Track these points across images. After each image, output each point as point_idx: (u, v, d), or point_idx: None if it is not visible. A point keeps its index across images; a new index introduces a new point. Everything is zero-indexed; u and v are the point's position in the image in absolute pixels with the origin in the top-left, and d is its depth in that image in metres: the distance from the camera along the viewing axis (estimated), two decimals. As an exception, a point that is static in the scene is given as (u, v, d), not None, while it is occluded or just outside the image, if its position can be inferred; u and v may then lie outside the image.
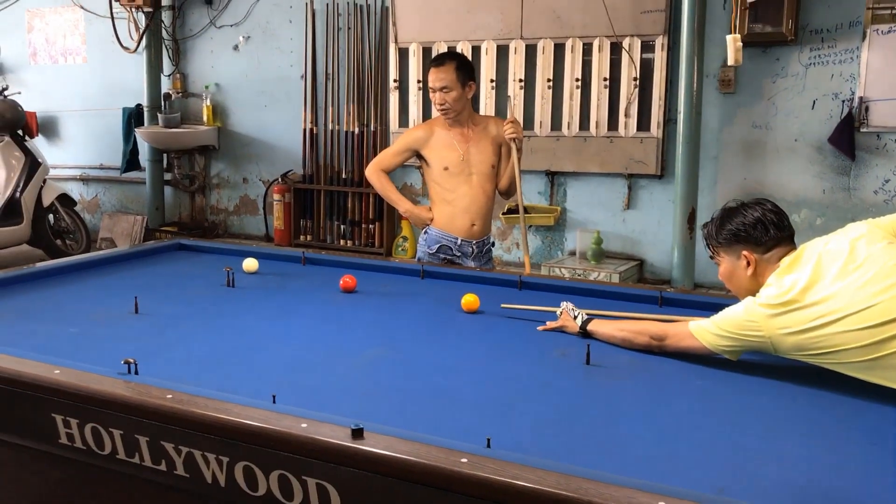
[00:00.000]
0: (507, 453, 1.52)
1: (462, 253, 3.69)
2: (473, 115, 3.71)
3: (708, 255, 2.45)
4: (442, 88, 3.55)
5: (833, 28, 4.97)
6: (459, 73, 3.54)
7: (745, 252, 2.27)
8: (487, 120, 3.76)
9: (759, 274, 2.25)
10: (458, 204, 3.67)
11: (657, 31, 5.35)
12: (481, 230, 3.72)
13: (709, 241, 2.40)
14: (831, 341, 2.01)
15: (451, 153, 3.64)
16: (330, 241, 6.82)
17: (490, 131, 3.69)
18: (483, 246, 3.75)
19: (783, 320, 2.06)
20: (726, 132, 5.36)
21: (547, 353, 2.36)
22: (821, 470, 1.64)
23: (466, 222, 3.67)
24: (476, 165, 3.65)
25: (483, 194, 3.69)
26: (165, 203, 7.60)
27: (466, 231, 3.68)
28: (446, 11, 6.00)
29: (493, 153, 3.69)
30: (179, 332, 2.51)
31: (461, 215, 3.67)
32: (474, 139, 3.66)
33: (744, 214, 2.30)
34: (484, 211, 3.71)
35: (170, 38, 7.32)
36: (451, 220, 3.68)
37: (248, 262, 3.29)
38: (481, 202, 3.69)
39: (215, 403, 1.73)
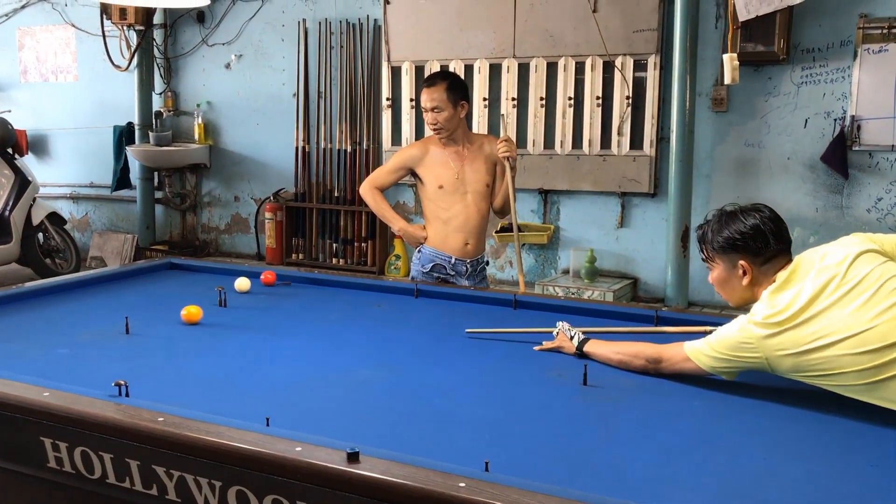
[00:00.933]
0: (506, 477, 1.50)
1: (456, 272, 3.67)
2: (468, 134, 3.70)
3: (701, 258, 2.38)
4: (433, 108, 3.54)
5: (824, 47, 5.00)
6: (450, 93, 3.53)
7: (742, 262, 2.21)
8: (482, 138, 3.75)
9: (754, 284, 2.21)
10: (452, 223, 3.65)
11: (650, 50, 5.37)
12: (475, 249, 3.71)
13: (703, 245, 2.32)
14: (830, 364, 1.98)
15: (446, 171, 3.63)
16: (322, 259, 6.79)
17: (485, 150, 3.67)
18: (477, 265, 3.73)
19: (779, 341, 2.03)
20: (719, 150, 5.37)
21: (543, 373, 2.33)
22: (822, 492, 1.62)
23: (460, 241, 3.66)
24: (471, 184, 3.64)
25: (477, 213, 3.67)
26: (156, 221, 7.56)
27: (460, 250, 3.66)
28: (439, 30, 6.01)
29: (488, 172, 3.68)
30: (171, 352, 2.48)
31: (455, 234, 3.65)
32: (469, 158, 3.65)
33: (742, 222, 2.22)
34: (478, 230, 3.70)
35: (161, 56, 7.31)
36: (445, 239, 3.66)
37: (241, 282, 3.26)
38: (476, 221, 3.68)
39: (208, 426, 1.70)
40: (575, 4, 5.53)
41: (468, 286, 3.61)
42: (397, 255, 6.52)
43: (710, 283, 2.36)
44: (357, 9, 6.43)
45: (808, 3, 4.79)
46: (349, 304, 3.17)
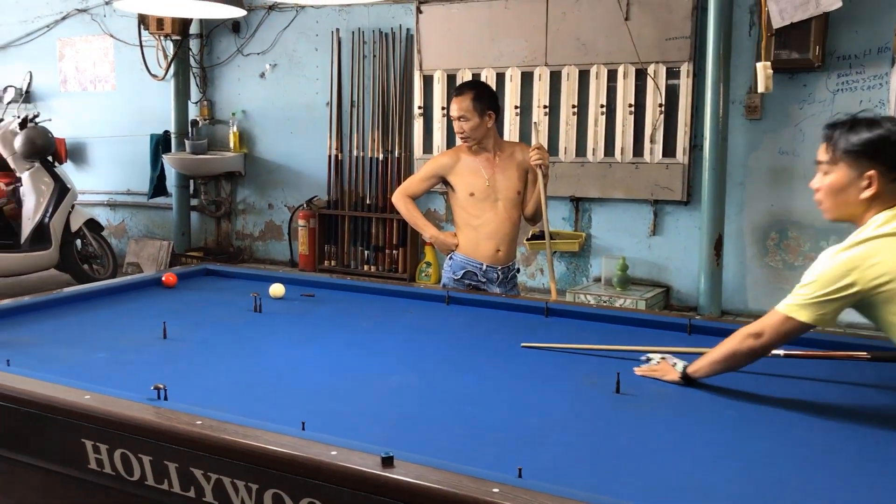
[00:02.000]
0: (539, 483, 1.50)
1: (487, 279, 3.68)
2: (500, 142, 3.72)
3: (818, 159, 2.14)
4: (460, 117, 3.57)
5: (861, 54, 4.95)
6: (477, 102, 3.55)
7: (873, 172, 2.00)
8: (514, 146, 3.77)
9: (872, 200, 2.03)
10: (483, 230, 3.67)
11: (682, 58, 5.35)
12: (507, 256, 3.72)
13: (830, 143, 2.08)
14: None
15: (477, 179, 3.64)
16: (354, 266, 6.84)
17: (517, 157, 3.69)
18: (508, 272, 3.74)
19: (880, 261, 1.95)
20: (753, 158, 5.33)
21: (576, 381, 2.33)
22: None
23: (492, 248, 3.67)
24: (502, 191, 3.65)
25: (509, 220, 3.68)
26: (192, 228, 7.67)
27: (492, 257, 3.67)
28: (471, 39, 6.03)
29: (520, 179, 3.69)
30: (208, 357, 2.52)
31: (486, 241, 3.67)
32: (500, 166, 3.66)
33: (888, 129, 2.00)
34: (509, 237, 3.71)
35: (197, 65, 7.42)
36: (476, 246, 3.68)
37: (275, 288, 3.30)
38: (507, 228, 3.69)
39: (245, 430, 1.73)
40: (607, 12, 5.53)
41: (499, 293, 3.63)
42: (428, 262, 6.55)
43: (812, 186, 2.19)
44: (390, 18, 6.48)
45: (844, 10, 4.74)
46: (381, 310, 3.19)
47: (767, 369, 2.47)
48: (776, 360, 2.55)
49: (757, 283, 5.38)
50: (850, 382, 2.38)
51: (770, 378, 2.39)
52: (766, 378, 2.39)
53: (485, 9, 5.97)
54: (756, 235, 5.37)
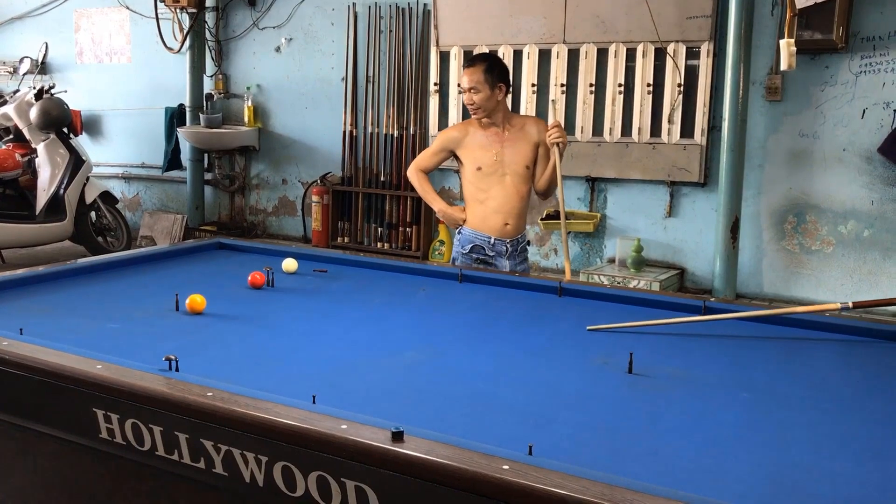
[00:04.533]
0: (550, 461, 1.49)
1: (496, 252, 3.67)
2: (510, 116, 3.69)
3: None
4: (470, 89, 3.56)
5: (886, 36, 4.86)
6: (488, 74, 3.54)
7: None
8: (525, 120, 3.75)
9: None
10: (490, 204, 3.66)
11: (703, 38, 5.28)
12: (515, 229, 3.70)
13: None
14: None
15: (485, 153, 3.63)
16: (367, 243, 6.84)
17: (527, 132, 3.66)
18: (517, 245, 3.73)
19: None
20: (772, 141, 5.26)
21: (589, 360, 2.32)
22: (873, 490, 1.58)
23: (499, 222, 3.66)
24: (510, 166, 3.64)
25: (517, 194, 3.67)
26: (205, 202, 7.67)
27: (499, 230, 3.67)
28: (488, 15, 5.97)
29: (529, 154, 3.67)
30: (220, 330, 2.51)
31: (494, 215, 3.66)
32: (510, 140, 3.64)
33: None
34: (517, 211, 3.69)
35: (213, 39, 7.39)
36: (483, 220, 3.68)
37: (288, 263, 3.29)
38: (514, 202, 3.67)
39: (255, 402, 1.73)
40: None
41: (508, 266, 3.64)
42: (441, 240, 6.53)
43: None
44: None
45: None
46: (394, 287, 3.18)
47: (781, 353, 2.45)
48: (792, 342, 2.54)
49: (773, 266, 5.34)
50: (866, 366, 2.36)
51: (784, 362, 2.37)
52: (780, 362, 2.37)
53: (503, -15, 5.91)
54: (773, 219, 5.32)
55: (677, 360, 2.36)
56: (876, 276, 5.05)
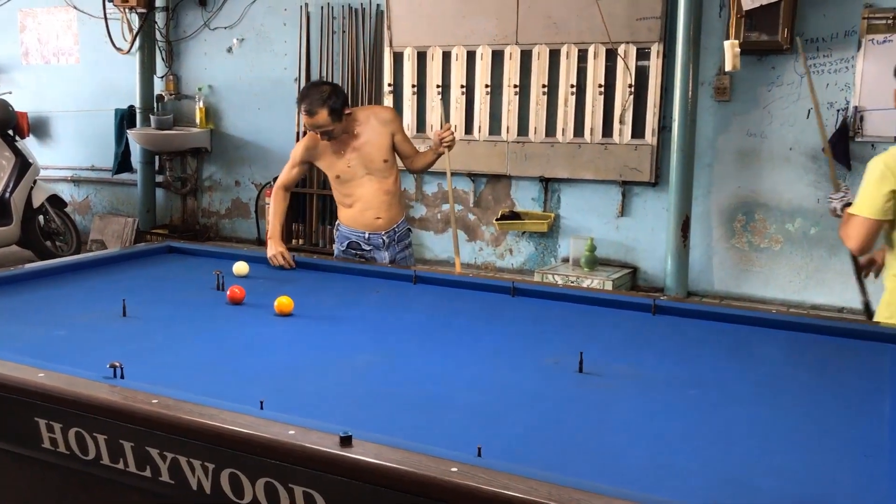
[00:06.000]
0: (498, 462, 1.50)
1: (373, 245, 3.73)
2: (354, 118, 3.61)
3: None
4: (322, 133, 3.50)
5: (828, 37, 4.97)
6: (333, 114, 3.43)
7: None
8: (369, 113, 3.71)
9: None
10: (357, 205, 3.70)
11: (653, 39, 5.34)
12: (388, 221, 3.74)
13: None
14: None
15: (338, 162, 3.65)
16: (322, 245, 6.79)
17: (376, 126, 3.64)
18: (395, 234, 3.77)
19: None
20: (721, 140, 5.35)
21: (540, 360, 2.33)
22: (814, 481, 1.62)
23: (370, 217, 3.70)
24: (367, 166, 3.64)
25: (381, 189, 3.69)
26: (157, 205, 7.56)
27: (372, 225, 3.71)
28: (441, 16, 5.98)
29: (385, 146, 3.65)
30: (168, 335, 2.48)
31: (364, 212, 3.70)
32: (360, 142, 3.62)
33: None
34: (386, 204, 3.71)
35: (163, 39, 7.28)
36: (355, 218, 3.72)
37: (239, 266, 3.26)
38: (381, 197, 3.69)
39: (202, 409, 1.70)
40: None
41: (388, 257, 3.72)
42: (397, 241, 6.51)
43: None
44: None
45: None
46: (347, 289, 3.16)
47: (729, 350, 2.49)
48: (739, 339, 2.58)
49: (723, 264, 5.42)
50: (811, 362, 2.41)
51: (731, 358, 2.41)
52: (727, 358, 2.41)
53: (456, -14, 5.92)
54: (723, 217, 5.40)
55: (627, 358, 2.39)
56: (822, 273, 5.16)
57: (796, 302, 5.20)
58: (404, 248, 3.82)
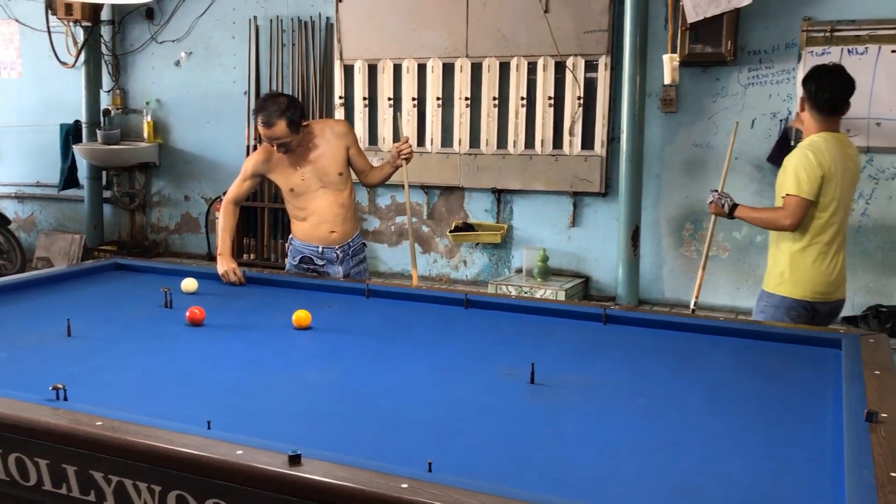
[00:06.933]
0: (449, 477, 1.50)
1: (327, 260, 3.70)
2: (310, 132, 3.61)
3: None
4: (279, 145, 3.46)
5: (770, 49, 5.09)
6: (291, 126, 3.43)
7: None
8: (324, 127, 3.70)
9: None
10: (311, 219, 3.68)
11: (600, 51, 5.41)
12: (342, 235, 3.72)
13: None
14: None
15: (292, 175, 3.61)
16: (274, 259, 6.72)
17: (331, 139, 3.63)
18: (349, 248, 3.75)
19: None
20: (668, 151, 5.43)
21: (492, 373, 2.34)
22: (761, 488, 1.64)
23: (324, 231, 3.68)
24: (322, 179, 3.62)
25: (336, 203, 3.67)
26: (105, 221, 7.41)
27: (326, 239, 3.68)
28: (391, 29, 5.98)
29: (340, 159, 3.65)
30: (113, 355, 2.43)
31: (318, 227, 3.68)
32: (315, 155, 3.61)
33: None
34: (341, 218, 3.69)
35: (109, 53, 7.16)
36: (309, 232, 3.69)
37: (187, 282, 3.22)
38: (335, 210, 3.67)
39: (147, 430, 1.67)
40: (526, 5, 5.55)
41: (342, 271, 3.69)
42: (351, 254, 6.48)
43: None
44: (309, 6, 6.38)
45: (754, 6, 4.86)
46: (299, 304, 3.13)
47: (677, 358, 2.53)
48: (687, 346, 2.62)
49: (673, 272, 5.50)
50: (757, 368, 2.45)
51: (680, 366, 2.44)
52: (675, 366, 2.44)
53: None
54: (672, 226, 5.48)
55: (578, 368, 2.41)
56: (769, 280, 5.25)
57: (745, 309, 5.29)
58: (359, 263, 3.81)
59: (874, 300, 4.96)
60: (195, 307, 2.81)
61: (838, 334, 2.64)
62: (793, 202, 3.26)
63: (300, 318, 2.75)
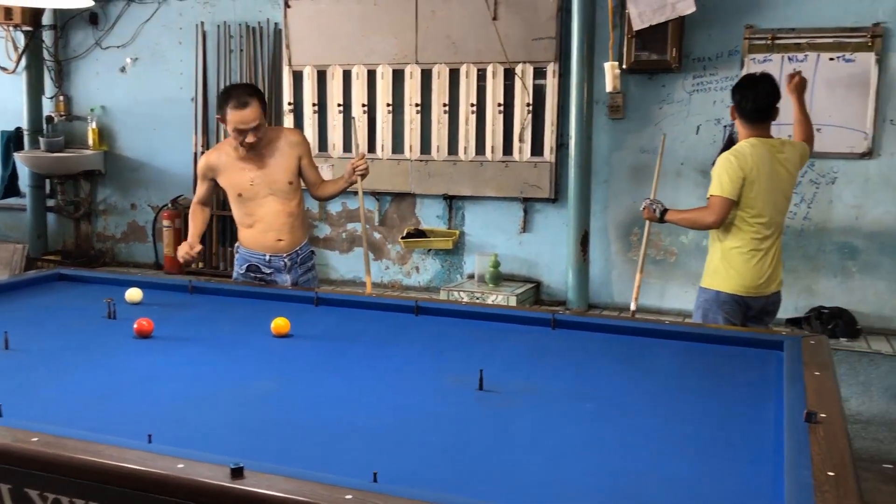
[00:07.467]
0: (395, 487, 1.49)
1: (274, 268, 3.67)
2: (267, 133, 3.58)
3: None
4: (254, 129, 3.42)
5: (714, 56, 5.18)
6: (262, 107, 3.44)
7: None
8: (279, 133, 3.69)
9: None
10: (259, 226, 3.64)
11: (548, 58, 5.46)
12: (290, 244, 3.68)
13: None
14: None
15: (242, 179, 3.57)
16: (223, 268, 6.63)
17: (285, 147, 3.61)
18: (297, 257, 3.72)
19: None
20: (616, 157, 5.50)
21: (441, 380, 2.33)
22: (703, 490, 1.66)
23: (272, 239, 3.64)
24: (271, 185, 3.59)
25: (284, 212, 3.64)
26: (49, 230, 7.25)
27: (273, 247, 3.65)
28: (341, 35, 5.96)
29: (292, 168, 3.63)
30: (52, 368, 2.37)
31: (265, 234, 3.64)
32: (267, 160, 3.57)
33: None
34: (289, 226, 3.66)
35: (52, 58, 7.02)
36: (256, 239, 3.65)
37: (131, 293, 3.16)
38: (283, 219, 3.64)
39: (85, 445, 1.63)
40: (475, 12, 5.57)
41: (290, 280, 3.66)
42: (302, 262, 6.43)
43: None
44: (257, 12, 6.32)
45: (698, 14, 4.95)
46: (247, 314, 3.10)
47: (624, 362, 2.55)
48: (634, 350, 2.64)
49: (622, 277, 5.56)
50: (701, 370, 2.48)
51: (626, 370, 2.46)
52: (622, 370, 2.46)
53: (354, 4, 5.91)
54: (620, 231, 5.55)
55: (527, 374, 2.42)
56: (715, 283, 5.34)
57: (692, 312, 5.37)
58: (307, 271, 3.77)
59: (817, 302, 5.07)
60: (143, 319, 2.75)
61: (781, 336, 2.70)
62: (715, 202, 3.52)
63: (279, 325, 2.73)
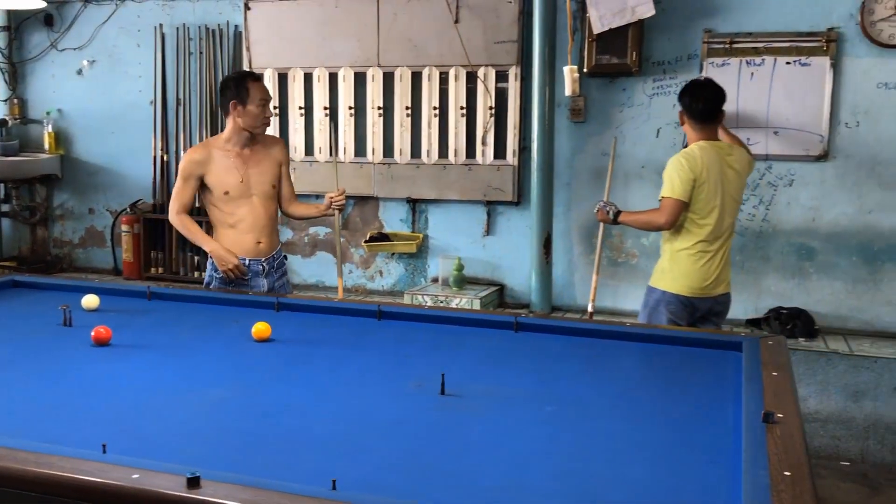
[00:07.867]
0: (354, 494, 1.47)
1: (253, 272, 3.65)
2: (255, 136, 3.69)
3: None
4: (268, 113, 3.65)
5: (674, 60, 5.23)
6: None
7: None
8: (266, 138, 3.78)
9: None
10: (240, 226, 3.64)
11: (510, 62, 5.47)
12: (268, 247, 3.70)
13: None
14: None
15: (230, 177, 3.59)
16: (183, 273, 6.55)
17: (271, 152, 3.72)
18: (274, 261, 3.73)
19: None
20: (578, 160, 5.53)
21: (402, 385, 2.32)
22: (664, 492, 1.67)
23: (251, 241, 3.64)
24: (256, 186, 3.63)
25: (265, 214, 3.67)
26: (3, 236, 7.09)
27: (253, 250, 3.65)
28: (302, 37, 5.92)
29: (275, 173, 3.72)
30: (4, 378, 2.32)
31: (245, 236, 3.64)
32: (254, 160, 3.64)
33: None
34: (268, 229, 3.70)
35: (5, 61, 6.88)
36: (235, 242, 3.63)
37: (88, 299, 3.10)
38: (264, 221, 3.67)
39: (37, 457, 1.59)
40: (437, 15, 5.57)
41: (267, 285, 3.65)
42: (264, 266, 6.37)
43: None
44: (216, 14, 6.26)
45: (657, 18, 5.00)
46: (207, 320, 3.06)
47: (584, 364, 2.56)
48: (594, 352, 2.65)
49: (584, 279, 5.59)
50: (661, 372, 2.50)
51: (587, 373, 2.48)
52: (583, 373, 2.47)
53: (315, 7, 5.87)
54: (582, 234, 5.58)
55: (488, 377, 2.42)
56: (677, 284, 5.39)
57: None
58: (282, 276, 3.78)
59: (776, 303, 5.14)
60: (101, 326, 2.69)
61: (739, 337, 2.72)
62: (667, 203, 3.61)
63: (259, 330, 2.72)
